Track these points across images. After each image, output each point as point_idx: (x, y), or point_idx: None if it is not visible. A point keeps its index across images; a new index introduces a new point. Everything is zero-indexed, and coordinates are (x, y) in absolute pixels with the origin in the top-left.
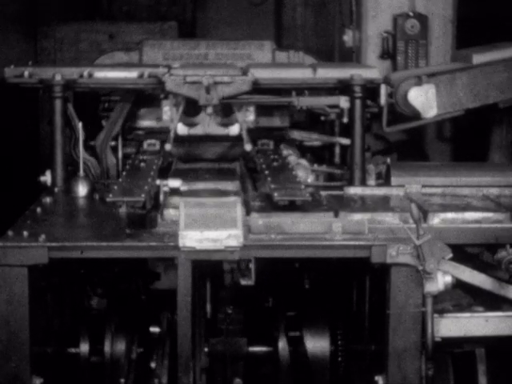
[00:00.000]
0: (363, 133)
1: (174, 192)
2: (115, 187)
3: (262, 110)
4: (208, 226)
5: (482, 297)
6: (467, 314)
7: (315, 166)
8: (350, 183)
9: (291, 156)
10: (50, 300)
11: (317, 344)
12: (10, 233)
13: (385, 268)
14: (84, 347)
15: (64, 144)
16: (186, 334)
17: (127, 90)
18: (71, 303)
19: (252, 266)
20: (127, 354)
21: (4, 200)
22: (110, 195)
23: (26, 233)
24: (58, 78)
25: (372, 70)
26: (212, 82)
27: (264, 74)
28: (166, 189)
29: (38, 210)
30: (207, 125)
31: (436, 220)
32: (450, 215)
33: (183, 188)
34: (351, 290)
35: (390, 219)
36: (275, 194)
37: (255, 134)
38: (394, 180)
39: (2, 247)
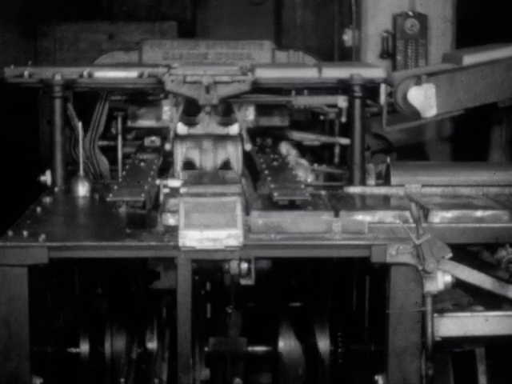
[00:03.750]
0: (363, 132)
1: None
2: (115, 187)
3: (262, 110)
4: (208, 226)
5: (482, 296)
6: (467, 314)
7: (315, 166)
8: (350, 183)
9: (291, 156)
10: (49, 300)
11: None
12: (9, 233)
13: (385, 267)
14: (84, 347)
15: (64, 144)
16: (185, 333)
17: (123, 89)
18: (71, 303)
19: (252, 265)
20: (127, 354)
21: (4, 200)
22: (110, 195)
23: (25, 233)
24: (58, 77)
25: (377, 69)
26: (212, 81)
27: (272, 75)
28: (166, 190)
29: (38, 209)
30: (207, 124)
31: (437, 219)
32: (450, 214)
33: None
34: (351, 290)
35: (389, 219)
36: (275, 194)
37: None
38: (393, 180)
39: (2, 247)
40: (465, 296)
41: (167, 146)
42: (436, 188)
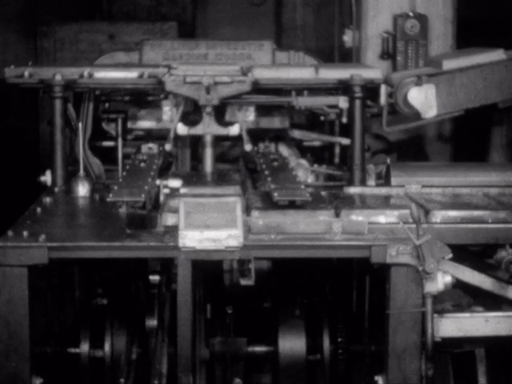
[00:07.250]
0: (363, 133)
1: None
2: (115, 187)
3: (262, 112)
4: (208, 226)
5: (482, 297)
6: (467, 314)
7: (315, 167)
8: (350, 183)
9: (291, 156)
10: (49, 300)
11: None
12: (10, 233)
13: (385, 268)
14: (84, 347)
15: (64, 144)
16: (185, 334)
17: (123, 90)
18: (71, 303)
19: (252, 266)
20: (127, 354)
21: (4, 200)
22: (110, 195)
23: (25, 233)
24: (58, 78)
25: (376, 70)
26: (212, 82)
27: (273, 75)
28: (166, 190)
29: (38, 209)
30: (207, 125)
31: (437, 219)
32: (450, 214)
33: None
34: (351, 290)
35: (389, 219)
36: (275, 194)
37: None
38: (393, 180)
39: (2, 247)
40: (465, 297)
41: (167, 147)
42: (436, 188)
